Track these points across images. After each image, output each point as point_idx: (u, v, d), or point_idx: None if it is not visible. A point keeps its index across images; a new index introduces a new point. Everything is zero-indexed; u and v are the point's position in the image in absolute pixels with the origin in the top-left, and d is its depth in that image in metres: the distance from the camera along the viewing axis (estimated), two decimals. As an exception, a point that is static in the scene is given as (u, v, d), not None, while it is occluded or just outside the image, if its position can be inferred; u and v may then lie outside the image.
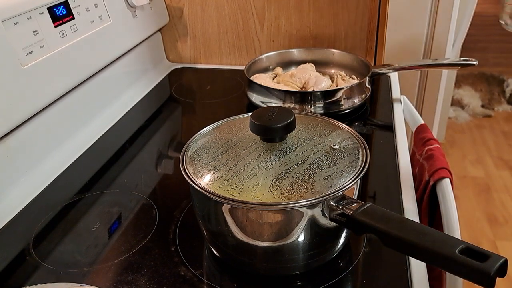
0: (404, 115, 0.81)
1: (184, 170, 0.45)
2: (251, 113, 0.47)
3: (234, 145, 0.47)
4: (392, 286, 0.45)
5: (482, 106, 2.52)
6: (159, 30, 1.03)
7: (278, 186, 0.41)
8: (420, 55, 1.21)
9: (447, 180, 0.65)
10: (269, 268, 0.47)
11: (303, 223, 0.42)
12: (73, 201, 0.60)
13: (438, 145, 0.72)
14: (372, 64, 0.96)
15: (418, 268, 0.47)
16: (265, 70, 0.90)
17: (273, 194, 0.41)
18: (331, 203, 0.41)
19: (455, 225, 0.59)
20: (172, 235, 0.53)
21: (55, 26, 0.67)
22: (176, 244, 0.52)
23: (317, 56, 0.91)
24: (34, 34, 0.63)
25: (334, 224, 0.43)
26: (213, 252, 0.49)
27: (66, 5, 0.69)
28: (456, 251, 0.34)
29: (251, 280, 0.47)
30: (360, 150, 0.46)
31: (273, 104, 0.77)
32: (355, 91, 0.77)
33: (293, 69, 0.88)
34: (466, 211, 1.77)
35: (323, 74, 0.87)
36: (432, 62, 0.87)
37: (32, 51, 0.62)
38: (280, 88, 0.79)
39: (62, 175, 0.66)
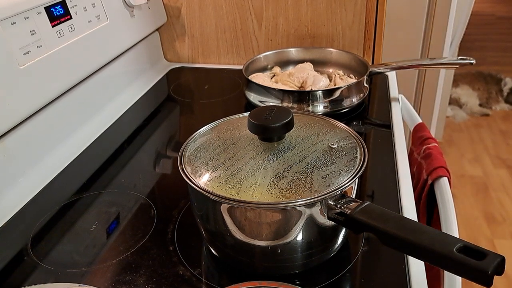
0: (402, 114, 0.81)
1: (182, 170, 0.45)
2: (249, 112, 0.47)
3: (232, 144, 0.47)
4: (391, 285, 0.45)
5: (480, 105, 2.52)
6: (157, 29, 1.03)
7: (277, 186, 0.41)
8: (418, 54, 1.21)
9: (445, 179, 0.65)
10: (267, 267, 0.47)
11: (301, 222, 0.42)
12: (71, 201, 0.60)
13: (436, 144, 0.73)
14: (370, 63, 0.97)
15: (416, 267, 0.47)
16: (263, 69, 0.90)
17: (271, 193, 0.41)
18: (330, 202, 0.41)
19: (453, 223, 0.59)
20: (170, 235, 0.53)
21: (53, 26, 0.66)
22: (174, 244, 0.52)
23: (315, 55, 0.91)
24: (32, 34, 0.62)
25: (333, 223, 0.43)
26: (212, 252, 0.49)
27: (63, 4, 0.69)
28: (454, 249, 0.34)
29: (249, 279, 0.47)
30: (358, 149, 0.47)
31: (271, 104, 0.77)
32: (353, 90, 0.77)
33: (291, 69, 0.88)
34: (464, 209, 1.77)
35: (321, 73, 0.87)
36: (430, 61, 0.87)
37: (30, 51, 0.62)
38: (278, 88, 0.79)
39: (60, 175, 0.66)
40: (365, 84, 0.81)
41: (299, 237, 0.43)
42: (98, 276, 0.48)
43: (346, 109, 0.78)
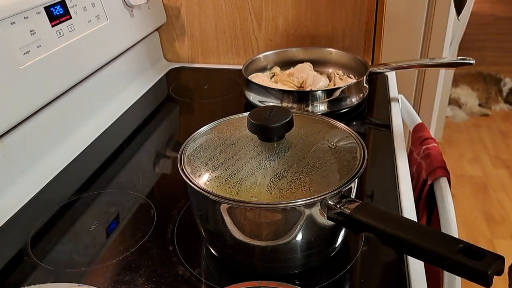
0: (401, 114, 0.81)
1: (182, 170, 0.45)
2: (248, 112, 0.47)
3: (232, 144, 0.47)
4: (390, 285, 0.45)
5: (480, 105, 2.52)
6: (157, 29, 1.03)
7: (276, 186, 0.41)
8: (417, 54, 1.21)
9: (444, 179, 0.65)
10: (267, 267, 0.47)
11: (301, 222, 0.42)
12: (70, 201, 0.60)
13: (435, 144, 0.73)
14: (370, 63, 0.97)
15: (416, 267, 0.47)
16: (262, 69, 0.90)
17: (271, 193, 0.41)
18: (329, 202, 0.41)
19: (452, 223, 0.59)
20: (170, 235, 0.53)
21: (52, 26, 0.66)
22: (174, 244, 0.52)
23: (314, 55, 0.91)
24: (31, 34, 0.62)
25: (332, 223, 0.43)
26: (211, 252, 0.49)
27: (63, 4, 0.69)
28: (453, 249, 0.34)
29: (249, 279, 0.47)
30: (357, 149, 0.47)
31: (271, 104, 0.77)
32: (353, 90, 0.77)
33: (291, 69, 0.88)
34: (464, 209, 1.77)
35: (321, 73, 0.87)
36: (429, 61, 0.87)
37: (29, 51, 0.62)
38: (278, 88, 0.79)
39: (60, 174, 0.66)
40: (365, 84, 0.81)
41: (299, 237, 0.43)
42: (98, 276, 0.48)
43: (346, 109, 0.78)
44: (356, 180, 0.43)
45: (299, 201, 0.40)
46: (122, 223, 0.56)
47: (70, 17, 0.70)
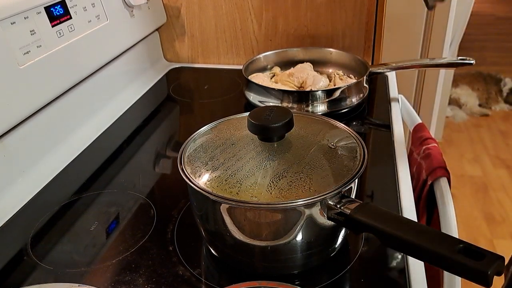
0: (401, 114, 0.81)
1: (182, 170, 0.45)
2: (249, 112, 0.47)
3: (232, 144, 0.47)
4: (390, 285, 0.45)
5: (480, 105, 2.52)
6: (157, 29, 1.03)
7: (276, 186, 0.41)
8: (417, 54, 1.21)
9: (444, 179, 0.65)
10: (267, 267, 0.47)
11: (301, 222, 0.42)
12: (70, 201, 0.60)
13: (435, 144, 0.73)
14: (370, 64, 0.97)
15: (416, 267, 0.47)
16: (263, 69, 0.90)
17: (271, 193, 0.41)
18: (329, 202, 0.41)
19: (452, 223, 0.59)
20: (170, 235, 0.53)
21: (52, 26, 0.66)
22: (174, 244, 0.52)
23: (314, 55, 0.91)
24: (31, 34, 0.62)
25: (332, 223, 0.43)
26: (211, 252, 0.49)
27: (63, 4, 0.69)
28: (453, 249, 0.34)
29: (249, 279, 0.47)
30: (357, 149, 0.47)
31: (271, 104, 0.77)
32: (353, 90, 0.77)
33: (291, 69, 0.88)
34: (464, 209, 1.77)
35: (321, 73, 0.87)
36: (429, 61, 0.87)
37: (29, 51, 0.62)
38: (278, 88, 0.79)
39: (60, 175, 0.66)
40: (365, 84, 0.81)
41: (299, 237, 0.43)
42: (98, 276, 0.48)
43: (346, 109, 0.78)
44: (356, 180, 0.43)
45: (299, 201, 0.40)
46: (122, 223, 0.56)
47: (70, 17, 0.70)
